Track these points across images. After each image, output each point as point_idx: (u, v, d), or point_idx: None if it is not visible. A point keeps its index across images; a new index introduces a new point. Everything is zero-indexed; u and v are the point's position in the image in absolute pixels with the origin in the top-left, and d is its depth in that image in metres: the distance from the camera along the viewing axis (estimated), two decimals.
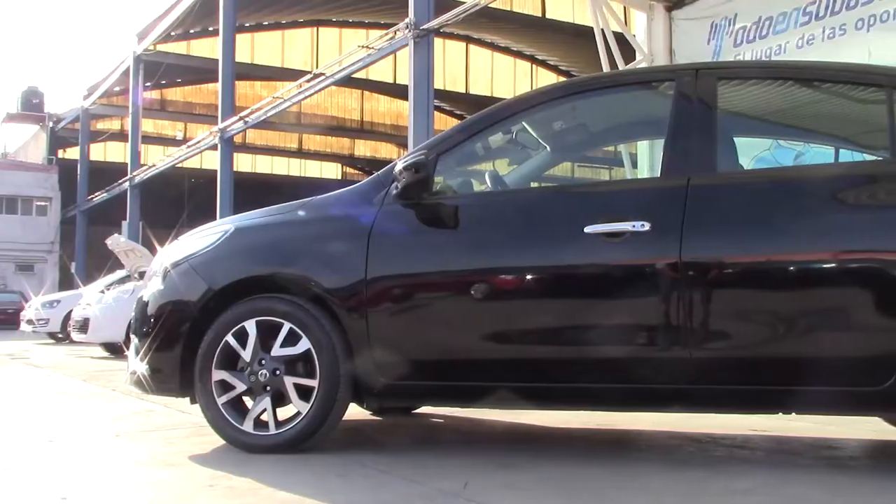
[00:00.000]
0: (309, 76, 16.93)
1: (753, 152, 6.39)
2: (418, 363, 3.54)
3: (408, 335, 3.55)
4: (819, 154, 5.14)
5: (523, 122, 4.21)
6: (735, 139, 3.88)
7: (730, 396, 3.29)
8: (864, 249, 3.17)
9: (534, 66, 33.32)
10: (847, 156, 4.39)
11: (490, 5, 11.89)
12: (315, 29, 32.40)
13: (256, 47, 31.64)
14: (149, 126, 32.76)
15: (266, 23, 30.97)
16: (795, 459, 3.67)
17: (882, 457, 3.95)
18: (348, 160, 39.87)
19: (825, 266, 3.23)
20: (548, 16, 27.92)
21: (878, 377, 3.07)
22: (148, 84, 28.32)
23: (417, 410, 4.88)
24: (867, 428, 4.39)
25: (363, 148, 38.96)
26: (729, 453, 3.79)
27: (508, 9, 26.40)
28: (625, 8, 10.56)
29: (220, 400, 3.61)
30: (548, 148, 4.51)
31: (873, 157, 4.09)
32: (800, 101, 4.13)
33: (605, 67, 9.56)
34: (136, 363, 3.81)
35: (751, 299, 3.27)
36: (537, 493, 2.97)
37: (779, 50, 8.24)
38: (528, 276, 3.47)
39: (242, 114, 18.82)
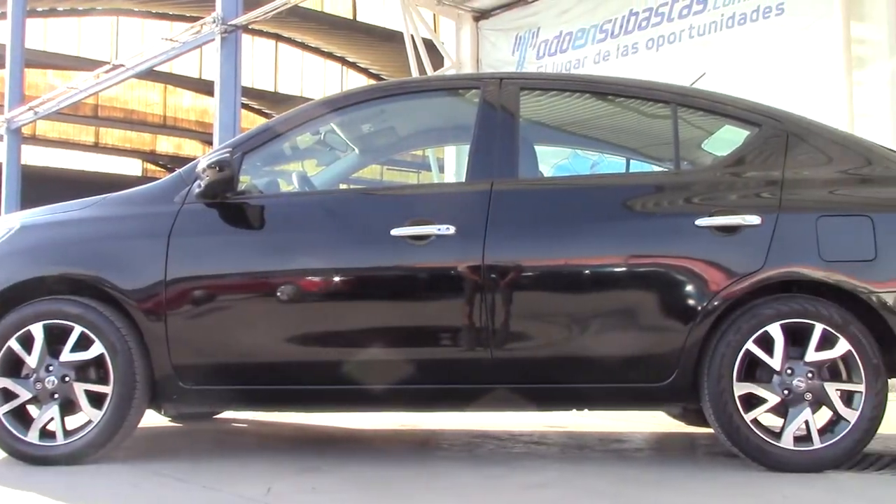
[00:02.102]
0: (108, 67, 16.07)
1: (553, 160, 6.68)
2: (221, 367, 3.45)
3: (210, 338, 3.44)
4: (613, 164, 5.44)
5: (332, 124, 4.20)
6: (536, 147, 4.03)
7: (528, 395, 3.43)
8: (650, 254, 3.38)
9: (344, 67, 33.25)
10: (637, 166, 4.67)
11: (301, 5, 11.75)
12: (115, 18, 30.81)
13: (50, 34, 29.68)
14: None
15: (61, 8, 29.14)
16: (587, 453, 3.86)
17: (664, 448, 4.23)
18: (149, 156, 38.15)
19: (616, 270, 3.42)
20: (359, 18, 27.95)
21: (661, 374, 3.29)
22: None
23: (219, 415, 4.75)
24: (651, 421, 4.69)
25: (166, 144, 37.41)
26: (527, 449, 3.94)
27: (319, 9, 26.21)
28: (434, 15, 10.73)
29: (1, 410, 3.36)
30: (356, 150, 4.52)
31: (660, 168, 4.37)
32: (595, 114, 4.35)
33: (415, 72, 9.67)
34: None
35: (548, 301, 3.42)
36: (342, 496, 2.97)
37: (578, 64, 8.66)
38: (335, 278, 3.46)
39: (32, 103, 17.61)
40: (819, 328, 3.22)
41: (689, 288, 3.31)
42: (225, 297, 3.47)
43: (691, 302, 3.30)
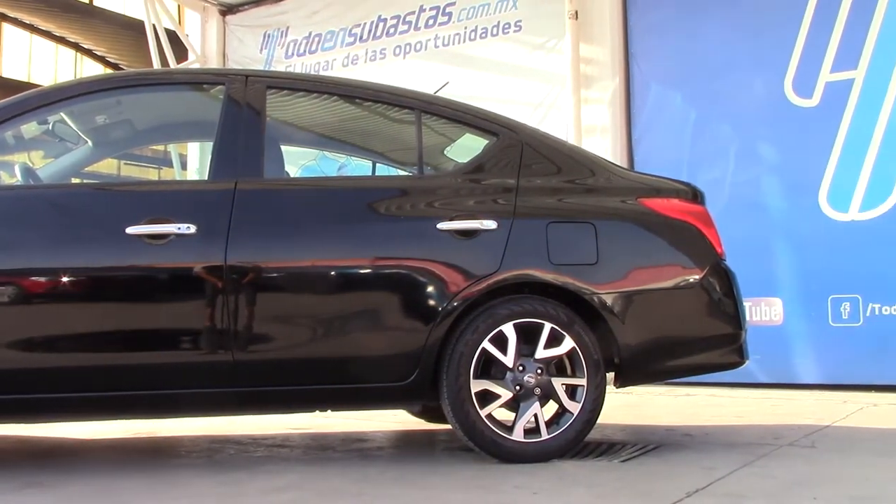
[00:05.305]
0: None
1: (301, 161, 6.65)
2: None
3: None
4: (360, 167, 5.50)
5: (62, 113, 3.91)
6: (283, 147, 3.99)
7: (271, 397, 3.39)
8: (394, 256, 3.46)
9: (78, 54, 31.14)
10: (383, 170, 4.75)
11: None
12: None
13: None
14: None
15: None
16: (330, 454, 3.87)
17: (405, 445, 4.33)
18: None
19: (360, 272, 3.46)
20: (96, 3, 26.31)
21: (403, 373, 3.38)
22: None
23: None
24: (393, 420, 4.80)
25: None
26: (269, 452, 3.88)
27: None
28: (179, 6, 10.31)
29: None
30: (89, 142, 4.24)
31: (404, 173, 4.48)
32: (343, 116, 4.38)
33: (156, 64, 9.25)
34: None
35: (292, 303, 3.40)
36: None
37: (327, 66, 8.67)
38: (62, 279, 3.23)
39: None
40: (548, 327, 3.44)
41: (430, 289, 3.42)
42: None
43: (432, 303, 3.41)
